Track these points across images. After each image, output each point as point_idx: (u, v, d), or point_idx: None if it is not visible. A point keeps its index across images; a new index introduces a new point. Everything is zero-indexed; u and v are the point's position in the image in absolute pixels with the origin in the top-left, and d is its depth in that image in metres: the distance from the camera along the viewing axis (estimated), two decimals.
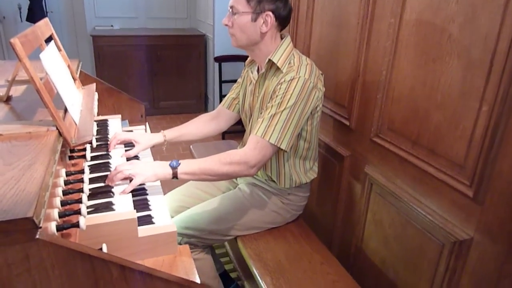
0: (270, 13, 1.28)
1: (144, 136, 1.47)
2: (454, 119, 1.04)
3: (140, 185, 1.15)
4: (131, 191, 1.12)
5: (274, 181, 1.47)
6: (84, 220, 0.83)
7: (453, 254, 1.08)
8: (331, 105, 1.61)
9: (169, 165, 1.21)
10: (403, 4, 1.17)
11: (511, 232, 0.93)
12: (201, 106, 4.55)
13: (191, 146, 2.27)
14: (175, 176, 1.20)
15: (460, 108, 1.02)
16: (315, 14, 1.65)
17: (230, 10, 1.33)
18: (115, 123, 1.59)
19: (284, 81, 1.26)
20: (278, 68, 1.32)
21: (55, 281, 0.72)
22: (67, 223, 0.83)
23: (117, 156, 1.30)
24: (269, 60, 1.32)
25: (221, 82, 3.91)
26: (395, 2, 1.20)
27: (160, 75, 4.31)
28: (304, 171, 1.47)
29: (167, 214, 1.11)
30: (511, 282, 0.95)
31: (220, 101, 4.06)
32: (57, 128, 1.03)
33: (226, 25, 1.34)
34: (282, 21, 1.33)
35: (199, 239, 1.41)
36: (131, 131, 1.58)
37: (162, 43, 4.23)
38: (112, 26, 4.44)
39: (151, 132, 1.58)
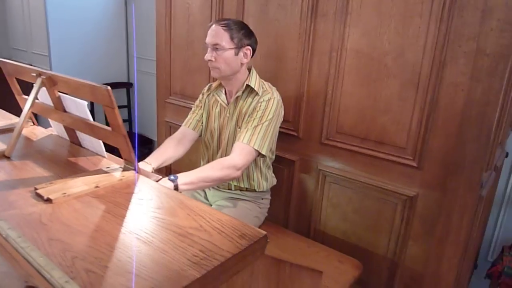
0: (249, 47, 1.55)
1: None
2: (396, 119, 1.57)
3: None
4: None
5: (249, 190, 1.72)
6: None
7: (406, 207, 1.61)
8: None
9: (168, 179, 1.31)
10: (342, 42, 1.65)
11: (443, 183, 1.51)
12: None
13: None
14: (176, 188, 1.31)
15: (399, 111, 1.56)
16: None
17: (212, 47, 1.51)
18: None
19: (263, 100, 1.56)
20: (252, 92, 1.59)
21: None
22: None
23: None
24: (247, 85, 1.58)
25: None
26: (335, 41, 1.66)
27: None
28: (270, 177, 1.78)
29: None
30: (446, 215, 1.53)
31: None
32: (136, 171, 1.02)
33: (210, 60, 1.52)
34: (253, 53, 1.60)
35: None
36: None
37: None
38: None
39: None
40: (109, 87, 0.90)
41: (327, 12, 1.67)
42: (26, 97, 1.31)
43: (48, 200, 0.83)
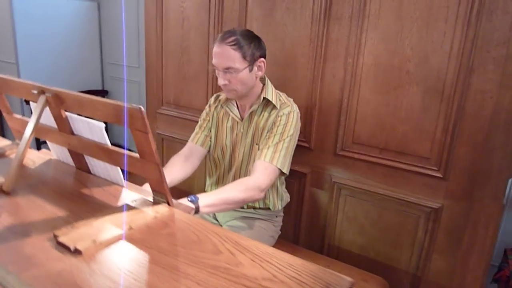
0: (262, 58, 1.42)
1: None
2: (418, 128, 1.50)
3: None
4: None
5: (262, 208, 1.59)
6: None
7: (430, 220, 1.54)
8: None
9: (188, 200, 1.16)
10: (359, 47, 1.55)
11: (470, 193, 1.45)
12: None
13: None
14: (197, 210, 1.17)
15: (422, 120, 1.49)
16: None
17: (223, 71, 1.36)
18: None
19: (283, 114, 1.44)
20: (268, 104, 1.47)
21: None
22: None
23: None
24: (264, 98, 1.45)
25: None
26: (351, 46, 1.56)
27: None
28: (285, 195, 1.66)
29: None
30: (472, 226, 1.47)
31: None
32: (168, 203, 0.87)
33: (224, 84, 1.37)
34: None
35: None
36: None
37: None
38: None
39: None
40: (142, 107, 0.75)
41: (341, 15, 1.57)
42: (18, 116, 1.12)
43: (77, 252, 0.67)
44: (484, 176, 1.42)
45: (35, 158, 1.13)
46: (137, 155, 0.84)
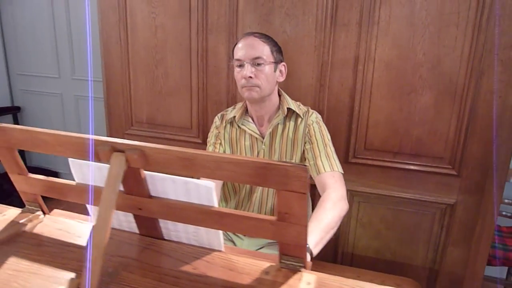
0: (284, 63, 1.34)
1: None
2: (432, 130, 1.54)
3: None
4: None
5: None
6: None
7: (446, 215, 1.62)
8: None
9: None
10: (369, 54, 1.53)
11: (482, 187, 1.55)
12: None
13: None
14: (311, 255, 1.05)
15: (436, 122, 1.53)
16: None
17: (251, 61, 1.27)
18: None
19: (312, 122, 1.39)
20: (290, 115, 1.40)
21: None
22: None
23: None
24: (289, 109, 1.36)
25: None
26: (361, 53, 1.53)
27: None
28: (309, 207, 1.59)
29: None
30: (483, 214, 1.58)
31: None
32: (304, 267, 0.72)
33: (249, 77, 1.25)
34: None
35: None
36: None
37: None
38: None
39: None
40: (306, 165, 0.60)
41: (348, 22, 1.52)
42: (40, 177, 0.84)
43: None
44: (492, 168, 1.52)
45: (69, 229, 0.86)
46: (272, 217, 0.68)
